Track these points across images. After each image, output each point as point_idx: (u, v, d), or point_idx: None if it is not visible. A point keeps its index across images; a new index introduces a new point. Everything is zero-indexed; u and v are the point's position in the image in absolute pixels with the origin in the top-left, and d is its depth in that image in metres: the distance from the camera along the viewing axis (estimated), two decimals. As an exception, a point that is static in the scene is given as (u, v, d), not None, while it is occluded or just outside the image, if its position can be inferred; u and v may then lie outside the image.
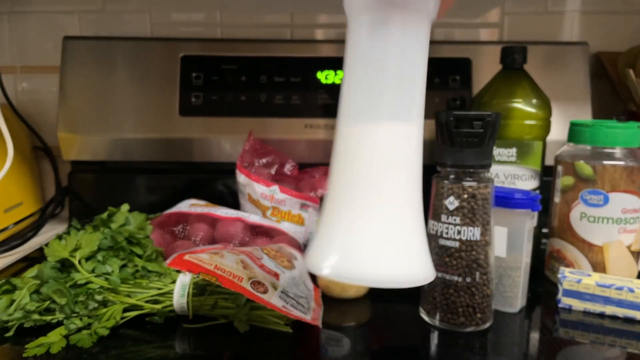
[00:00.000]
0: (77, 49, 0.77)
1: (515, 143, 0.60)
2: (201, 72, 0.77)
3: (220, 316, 0.47)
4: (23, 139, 0.80)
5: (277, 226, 0.63)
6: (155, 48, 0.78)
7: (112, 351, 0.43)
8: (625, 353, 0.45)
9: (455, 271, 0.46)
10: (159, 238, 0.60)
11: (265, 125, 0.76)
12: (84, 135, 0.77)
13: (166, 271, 0.50)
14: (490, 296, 0.47)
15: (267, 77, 0.77)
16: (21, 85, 0.85)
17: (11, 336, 0.44)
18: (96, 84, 0.77)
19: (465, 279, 0.46)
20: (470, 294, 0.46)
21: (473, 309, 0.46)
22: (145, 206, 0.79)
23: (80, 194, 0.81)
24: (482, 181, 0.45)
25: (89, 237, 0.50)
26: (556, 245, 0.59)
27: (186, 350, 0.44)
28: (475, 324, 0.46)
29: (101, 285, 0.46)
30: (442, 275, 0.47)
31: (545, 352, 0.45)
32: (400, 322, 0.50)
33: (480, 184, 0.45)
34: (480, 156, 0.44)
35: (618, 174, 0.54)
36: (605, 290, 0.51)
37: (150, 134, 0.76)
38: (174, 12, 0.83)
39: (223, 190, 0.80)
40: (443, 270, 0.46)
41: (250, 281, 0.44)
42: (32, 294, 0.46)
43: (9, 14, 0.82)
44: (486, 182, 0.45)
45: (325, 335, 0.46)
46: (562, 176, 0.58)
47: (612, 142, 0.55)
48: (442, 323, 0.47)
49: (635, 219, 0.55)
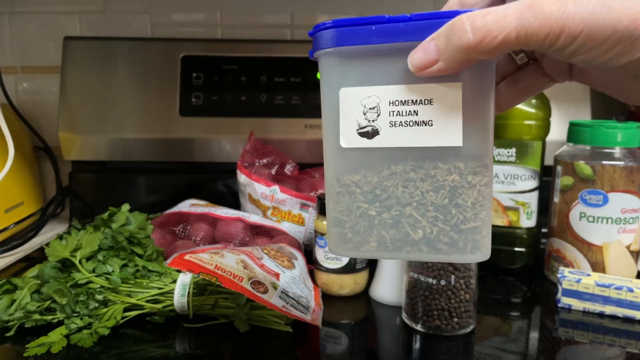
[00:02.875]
0: (78, 49, 0.77)
1: (515, 143, 0.60)
2: (201, 73, 0.77)
3: (221, 316, 0.47)
4: (24, 139, 0.80)
5: (278, 226, 0.63)
6: (155, 48, 0.78)
7: (112, 351, 0.43)
8: (625, 353, 0.45)
9: (430, 273, 0.46)
10: (159, 238, 0.60)
11: (265, 125, 0.76)
12: (85, 135, 0.77)
13: (167, 271, 0.50)
14: (469, 301, 0.47)
15: (267, 77, 0.77)
16: (22, 86, 0.85)
17: (12, 336, 0.44)
18: (97, 84, 0.77)
19: (440, 281, 0.46)
20: (447, 297, 0.46)
21: (449, 313, 0.46)
22: (145, 206, 0.79)
23: (80, 194, 0.81)
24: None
25: (90, 237, 0.50)
26: (556, 245, 0.60)
27: (186, 349, 0.44)
28: (452, 329, 0.46)
29: (102, 285, 0.47)
30: (419, 277, 0.47)
31: (545, 352, 0.45)
32: (384, 324, 0.50)
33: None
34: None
35: (617, 174, 0.54)
36: (605, 289, 0.51)
37: (151, 134, 0.76)
38: (174, 12, 0.83)
39: (223, 190, 0.80)
40: (419, 272, 0.47)
41: (250, 281, 0.44)
42: (33, 294, 0.46)
43: (9, 14, 0.83)
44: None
45: (323, 332, 0.47)
46: (562, 176, 0.58)
47: (612, 142, 0.55)
48: (421, 325, 0.47)
49: (634, 219, 0.55)
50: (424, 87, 0.29)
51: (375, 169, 0.31)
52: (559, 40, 0.23)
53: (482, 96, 0.29)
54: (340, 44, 0.29)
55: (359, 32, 0.29)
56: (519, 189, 0.61)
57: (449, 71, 0.27)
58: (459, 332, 0.46)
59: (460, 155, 0.29)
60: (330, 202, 0.33)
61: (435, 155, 0.30)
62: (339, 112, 0.31)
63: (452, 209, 0.30)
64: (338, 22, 0.29)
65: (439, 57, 0.26)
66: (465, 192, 0.30)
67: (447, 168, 0.30)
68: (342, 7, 0.82)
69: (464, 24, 0.25)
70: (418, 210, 0.31)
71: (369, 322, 0.50)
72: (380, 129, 0.30)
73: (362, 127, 0.31)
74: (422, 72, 0.27)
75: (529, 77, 0.33)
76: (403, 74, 0.29)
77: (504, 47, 0.24)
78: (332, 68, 0.31)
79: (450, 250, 0.31)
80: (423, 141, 0.30)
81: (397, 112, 0.30)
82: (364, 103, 0.30)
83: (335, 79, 0.31)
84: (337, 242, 0.33)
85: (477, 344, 0.45)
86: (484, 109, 0.29)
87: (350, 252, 0.33)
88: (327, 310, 0.51)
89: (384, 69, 0.29)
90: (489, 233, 0.31)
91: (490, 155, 0.30)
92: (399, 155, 0.30)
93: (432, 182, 0.30)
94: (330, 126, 0.32)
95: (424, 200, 0.30)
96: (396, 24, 0.28)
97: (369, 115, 0.30)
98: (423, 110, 0.29)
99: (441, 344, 0.45)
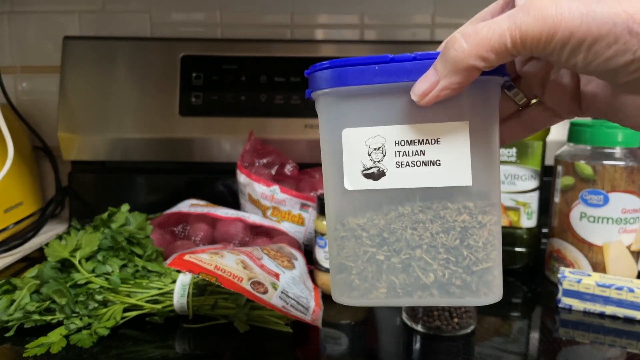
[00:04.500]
0: (77, 49, 0.77)
1: (515, 143, 0.60)
2: (201, 72, 0.77)
3: (220, 316, 0.47)
4: (23, 139, 0.80)
5: (277, 226, 0.63)
6: (155, 48, 0.78)
7: (112, 351, 0.43)
8: (625, 353, 0.45)
9: None
10: (159, 238, 0.60)
11: (265, 125, 0.76)
12: (84, 135, 0.76)
13: (166, 271, 0.50)
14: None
15: (267, 77, 0.77)
16: (21, 85, 0.85)
17: (11, 336, 0.44)
18: (96, 84, 0.77)
19: None
20: None
21: (450, 313, 0.46)
22: (145, 206, 0.79)
23: (80, 194, 0.81)
24: None
25: (89, 237, 0.50)
26: (556, 245, 0.59)
27: (186, 350, 0.44)
28: (452, 329, 0.46)
29: (101, 285, 0.46)
30: None
31: (545, 352, 0.45)
32: (384, 324, 0.50)
33: None
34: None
35: (618, 174, 0.54)
36: (605, 290, 0.51)
37: (150, 133, 0.76)
38: (174, 12, 0.83)
39: (223, 190, 0.80)
40: None
41: (250, 281, 0.44)
42: (32, 294, 0.46)
43: (9, 14, 0.82)
44: None
45: (323, 332, 0.47)
46: (562, 176, 0.58)
47: (612, 142, 0.55)
48: (421, 326, 0.47)
49: (635, 219, 0.55)
50: (431, 126, 0.28)
51: (382, 211, 0.30)
52: (555, 36, 0.23)
53: (488, 134, 0.29)
54: (342, 84, 0.29)
55: (362, 72, 0.28)
56: (520, 189, 0.61)
57: (452, 91, 0.26)
58: (459, 333, 0.46)
59: (469, 194, 0.29)
60: (333, 247, 0.31)
61: (443, 195, 0.29)
62: (341, 153, 0.30)
63: (463, 250, 0.29)
64: (337, 62, 0.28)
65: (439, 77, 0.26)
66: (476, 232, 0.29)
67: (457, 208, 0.29)
68: (342, 7, 0.82)
69: (457, 38, 0.25)
70: (428, 253, 0.30)
71: (369, 323, 0.50)
72: (387, 170, 0.29)
73: (367, 169, 0.29)
74: (426, 99, 0.27)
75: (531, 112, 0.32)
76: (408, 112, 0.28)
77: (501, 50, 0.24)
78: (332, 108, 0.30)
79: (463, 293, 0.30)
80: (431, 181, 0.29)
81: (403, 152, 0.29)
82: (369, 144, 0.29)
83: (336, 119, 0.30)
84: (343, 290, 0.31)
85: (477, 345, 0.45)
86: (490, 147, 0.29)
87: (358, 300, 0.31)
88: (327, 310, 0.51)
89: (388, 108, 0.29)
90: (501, 273, 0.30)
91: (498, 193, 0.30)
92: (406, 196, 0.29)
93: (442, 224, 0.29)
94: (332, 167, 0.30)
95: (434, 242, 0.29)
96: (400, 63, 0.27)
97: (374, 156, 0.29)
98: (430, 150, 0.29)
99: (441, 345, 0.45)
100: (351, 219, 0.30)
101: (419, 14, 0.82)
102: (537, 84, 0.31)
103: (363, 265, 0.31)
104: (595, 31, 0.22)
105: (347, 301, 0.31)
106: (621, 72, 0.23)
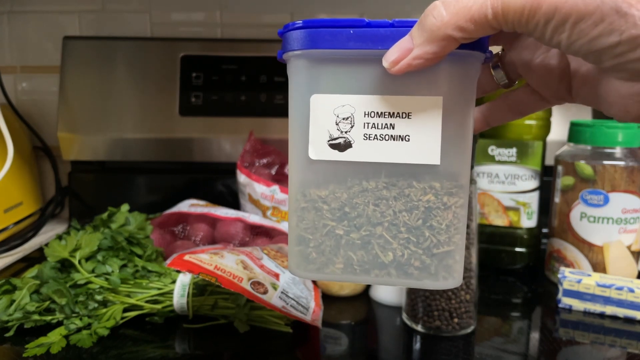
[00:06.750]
0: (77, 48, 0.77)
1: (515, 143, 0.60)
2: (201, 72, 0.77)
3: (220, 316, 0.47)
4: (23, 139, 0.80)
5: (277, 226, 0.63)
6: (155, 48, 0.78)
7: (112, 351, 0.43)
8: (626, 353, 0.45)
9: None
10: (159, 238, 0.60)
11: (265, 125, 0.76)
12: (84, 135, 0.76)
13: (166, 271, 0.50)
14: (470, 301, 0.46)
15: (266, 77, 0.77)
16: (21, 85, 0.85)
17: (11, 336, 0.44)
18: (96, 84, 0.77)
19: None
20: (447, 297, 0.46)
21: (450, 314, 0.46)
22: (145, 206, 0.79)
23: (80, 194, 0.81)
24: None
25: (89, 237, 0.50)
26: (556, 245, 0.59)
27: (186, 350, 0.44)
28: (452, 329, 0.46)
29: (101, 286, 0.46)
30: None
31: (545, 352, 0.45)
32: (384, 324, 0.50)
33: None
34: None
35: (618, 174, 0.54)
36: (606, 290, 0.51)
37: (150, 134, 0.76)
38: (174, 12, 0.83)
39: (223, 190, 0.80)
40: None
41: (250, 282, 0.44)
42: (32, 294, 0.46)
43: (8, 13, 0.82)
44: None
45: (323, 332, 0.47)
46: (563, 176, 0.58)
47: (613, 142, 0.55)
48: (421, 326, 0.47)
49: (635, 219, 0.55)
50: (403, 99, 0.27)
51: (345, 184, 0.29)
52: (539, 11, 0.22)
53: (462, 112, 0.28)
54: (313, 47, 0.27)
55: (334, 35, 0.26)
56: (520, 189, 0.61)
57: (425, 61, 0.25)
58: (459, 333, 0.46)
59: (436, 174, 0.28)
60: (293, 218, 0.30)
61: (410, 173, 0.28)
62: (308, 120, 0.29)
63: (425, 231, 0.28)
64: (310, 22, 0.27)
65: (414, 44, 0.24)
66: (440, 213, 0.28)
67: (422, 187, 0.28)
68: (342, 6, 0.82)
69: (437, 5, 0.24)
70: (389, 231, 0.28)
71: (369, 323, 0.50)
72: (354, 142, 0.28)
73: (333, 138, 0.28)
74: (397, 67, 0.25)
75: (517, 94, 0.31)
76: (381, 83, 0.27)
77: (480, 20, 0.23)
78: (302, 71, 0.28)
79: (421, 275, 0.29)
80: (398, 157, 0.28)
81: (372, 124, 0.28)
82: (337, 112, 0.28)
83: (306, 83, 0.28)
84: (299, 262, 0.30)
85: (477, 345, 0.45)
86: (463, 126, 0.28)
87: (313, 274, 0.30)
88: (327, 310, 0.51)
89: (360, 76, 0.27)
90: (462, 258, 0.29)
91: (467, 175, 0.29)
92: (371, 170, 0.28)
93: (406, 202, 0.28)
94: (298, 135, 0.29)
95: (396, 220, 0.28)
96: (377, 29, 0.26)
97: (341, 126, 0.28)
98: (400, 124, 0.27)
99: (441, 345, 0.45)
100: (313, 190, 0.29)
101: (418, 14, 0.82)
102: (522, 64, 0.30)
103: (321, 238, 0.29)
104: (582, 8, 0.21)
105: (303, 274, 0.30)
106: (606, 54, 0.22)
